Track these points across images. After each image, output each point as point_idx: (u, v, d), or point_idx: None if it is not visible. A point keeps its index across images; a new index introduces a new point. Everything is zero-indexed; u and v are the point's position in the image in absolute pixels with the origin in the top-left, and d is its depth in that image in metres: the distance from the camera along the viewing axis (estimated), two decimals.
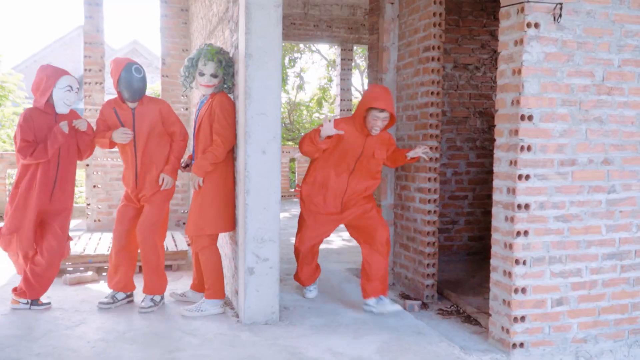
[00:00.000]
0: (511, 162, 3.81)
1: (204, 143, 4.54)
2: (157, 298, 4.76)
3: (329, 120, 4.44)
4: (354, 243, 7.95)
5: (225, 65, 4.60)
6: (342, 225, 5.03)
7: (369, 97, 4.55)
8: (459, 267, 6.18)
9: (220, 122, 4.45)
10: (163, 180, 4.69)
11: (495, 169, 3.98)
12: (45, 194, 4.59)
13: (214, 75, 4.54)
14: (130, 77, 4.57)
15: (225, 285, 4.88)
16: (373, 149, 4.70)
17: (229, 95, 4.68)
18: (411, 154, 4.79)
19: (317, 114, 20.86)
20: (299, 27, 11.62)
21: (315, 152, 4.66)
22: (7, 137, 13.92)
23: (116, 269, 4.81)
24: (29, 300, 4.66)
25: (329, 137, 4.54)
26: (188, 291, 5.00)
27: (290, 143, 18.89)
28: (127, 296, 4.88)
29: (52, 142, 4.48)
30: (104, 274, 5.94)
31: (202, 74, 4.54)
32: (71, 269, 5.87)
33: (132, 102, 4.67)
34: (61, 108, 4.59)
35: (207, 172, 4.49)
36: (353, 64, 15.15)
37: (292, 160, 14.22)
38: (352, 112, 16.14)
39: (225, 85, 4.66)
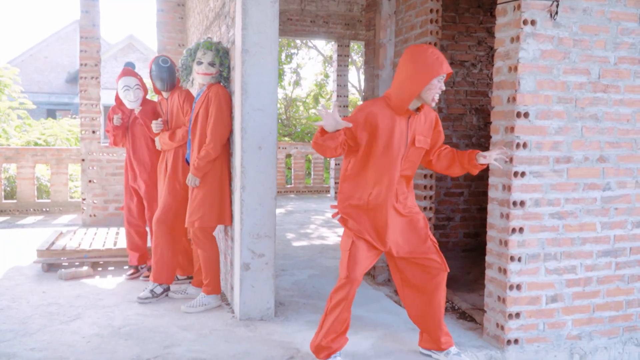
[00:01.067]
0: (507, 159, 3.81)
1: (201, 135, 4.54)
2: (158, 290, 4.86)
3: (330, 110, 3.19)
4: None
5: (223, 55, 4.61)
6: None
7: (431, 62, 3.29)
8: (454, 264, 6.19)
9: (215, 116, 4.45)
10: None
11: (491, 165, 3.98)
12: (131, 171, 5.59)
13: (212, 64, 4.55)
14: (156, 68, 5.00)
15: (221, 280, 4.87)
16: (419, 132, 3.53)
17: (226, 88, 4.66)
18: (484, 160, 3.49)
19: (313, 110, 20.84)
20: (295, 22, 11.61)
21: (331, 149, 3.31)
22: (3, 132, 13.87)
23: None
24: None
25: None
26: (189, 287, 5.01)
27: (286, 139, 18.88)
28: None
29: (108, 128, 5.53)
30: (99, 269, 5.94)
31: (200, 63, 4.55)
32: (66, 264, 5.86)
33: (164, 91, 5.10)
34: (130, 105, 5.35)
35: (205, 172, 4.53)
36: (350, 60, 15.15)
37: (289, 156, 14.21)
38: (349, 108, 16.17)
39: (222, 77, 4.66)
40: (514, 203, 3.78)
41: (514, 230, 3.79)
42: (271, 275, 4.40)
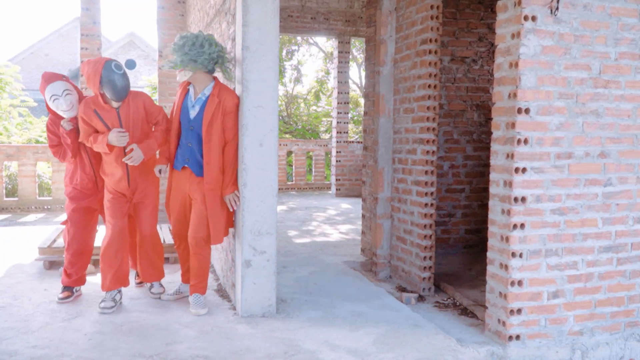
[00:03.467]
0: (508, 155, 3.81)
1: (218, 143, 4.28)
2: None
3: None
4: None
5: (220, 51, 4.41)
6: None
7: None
8: (456, 260, 6.19)
9: (234, 126, 4.30)
10: (132, 150, 4.43)
11: (492, 162, 3.98)
12: (89, 186, 4.74)
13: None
14: (112, 75, 4.32)
15: (221, 278, 4.88)
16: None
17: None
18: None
19: (314, 107, 20.85)
20: (296, 19, 11.60)
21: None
22: (4, 130, 13.88)
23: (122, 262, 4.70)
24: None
25: None
26: (182, 286, 4.93)
27: (287, 136, 18.87)
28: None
29: (63, 142, 4.62)
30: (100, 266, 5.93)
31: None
32: None
33: (117, 101, 4.44)
34: (62, 114, 4.58)
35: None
36: (350, 56, 15.13)
37: (290, 153, 14.21)
38: (350, 104, 16.16)
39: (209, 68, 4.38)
40: (515, 199, 3.78)
41: (515, 226, 3.79)
42: (273, 272, 4.40)
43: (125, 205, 4.66)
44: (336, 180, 12.51)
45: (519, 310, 3.86)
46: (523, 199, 3.79)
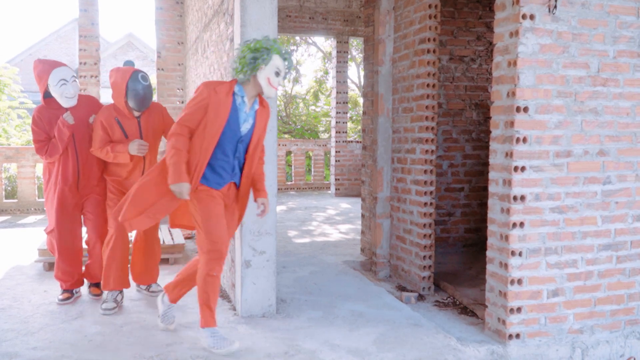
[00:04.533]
0: (507, 154, 3.81)
1: (258, 155, 3.96)
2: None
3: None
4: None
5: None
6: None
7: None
8: (456, 259, 6.19)
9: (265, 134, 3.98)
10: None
11: (491, 160, 3.98)
12: (71, 186, 4.58)
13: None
14: (137, 85, 4.40)
15: (222, 278, 4.88)
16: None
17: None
18: None
19: (313, 107, 20.85)
20: (294, 19, 11.61)
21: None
22: (3, 132, 13.88)
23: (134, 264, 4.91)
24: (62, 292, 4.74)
25: None
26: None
27: (286, 136, 18.87)
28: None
29: (59, 135, 4.44)
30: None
31: (278, 74, 3.76)
32: None
33: (139, 110, 4.50)
34: (65, 103, 4.47)
35: None
36: (349, 56, 15.13)
37: (289, 153, 14.22)
38: (349, 104, 16.15)
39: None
40: (515, 198, 3.78)
41: (514, 224, 3.79)
42: (272, 272, 4.40)
43: None
44: (335, 180, 12.51)
45: (519, 309, 3.86)
46: (522, 198, 3.79)
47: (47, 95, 4.54)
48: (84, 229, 4.75)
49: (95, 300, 4.74)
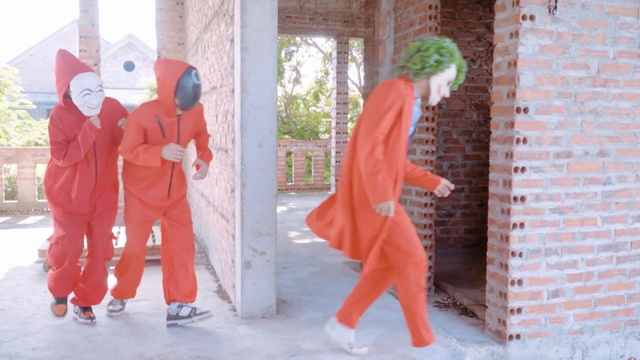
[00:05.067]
0: (507, 155, 3.81)
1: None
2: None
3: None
4: None
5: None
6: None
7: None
8: (456, 260, 6.19)
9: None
10: (201, 168, 4.24)
11: (491, 161, 3.98)
12: (86, 197, 4.12)
13: None
14: (190, 83, 3.92)
15: (221, 279, 4.87)
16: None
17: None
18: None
19: (313, 107, 20.86)
20: (294, 20, 11.60)
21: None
22: (3, 132, 13.88)
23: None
24: (78, 309, 4.28)
25: None
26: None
27: (286, 137, 18.87)
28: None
29: (83, 139, 3.97)
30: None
31: (449, 83, 3.51)
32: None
33: (185, 110, 4.05)
34: (86, 112, 3.99)
35: None
36: (349, 57, 15.14)
37: (289, 153, 14.22)
38: (349, 105, 16.17)
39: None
40: (515, 198, 3.78)
41: (514, 225, 3.79)
42: (272, 273, 4.40)
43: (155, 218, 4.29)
44: (336, 180, 12.50)
45: (519, 310, 3.86)
46: (522, 198, 3.79)
47: (67, 96, 4.05)
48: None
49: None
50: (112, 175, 4.32)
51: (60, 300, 4.30)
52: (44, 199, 10.43)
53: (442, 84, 3.44)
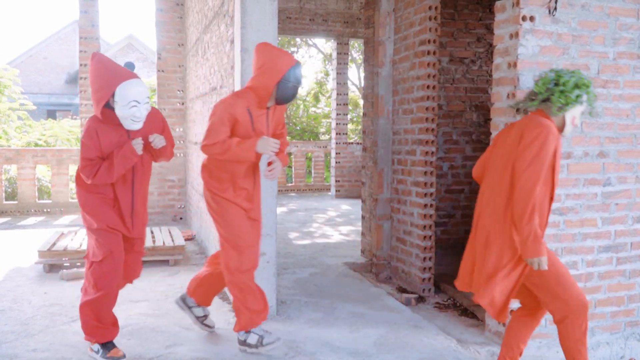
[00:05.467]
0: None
1: (505, 191, 3.23)
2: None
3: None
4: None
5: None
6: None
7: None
8: (456, 261, 6.15)
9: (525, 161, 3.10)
10: (273, 165, 3.76)
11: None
12: (126, 222, 3.68)
13: None
14: (296, 79, 3.63)
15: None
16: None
17: None
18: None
19: (313, 108, 20.86)
20: (294, 21, 11.61)
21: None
22: (4, 133, 13.88)
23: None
24: (99, 347, 3.64)
25: None
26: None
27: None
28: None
29: (120, 163, 3.51)
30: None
31: (583, 113, 3.36)
32: (68, 264, 5.86)
33: (279, 104, 3.76)
34: (129, 125, 3.54)
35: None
36: (349, 57, 15.14)
37: (289, 154, 14.22)
38: (349, 105, 16.16)
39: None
40: None
41: None
42: (273, 273, 4.40)
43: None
44: (336, 181, 12.51)
45: None
46: None
47: (107, 105, 3.54)
48: None
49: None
50: (145, 199, 3.84)
51: (109, 346, 3.64)
52: (43, 200, 10.43)
53: (577, 115, 3.27)
